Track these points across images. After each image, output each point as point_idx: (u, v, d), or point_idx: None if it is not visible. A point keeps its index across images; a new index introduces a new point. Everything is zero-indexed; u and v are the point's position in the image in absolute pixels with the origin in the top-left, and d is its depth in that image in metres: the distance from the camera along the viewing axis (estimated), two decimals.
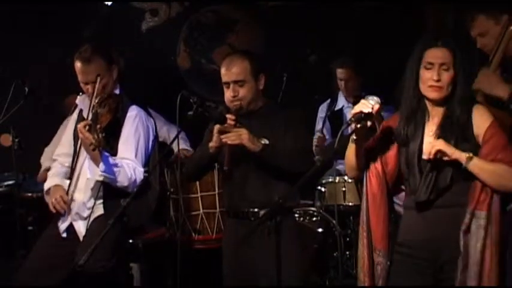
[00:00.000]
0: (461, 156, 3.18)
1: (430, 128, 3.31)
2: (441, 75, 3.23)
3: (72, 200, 4.38)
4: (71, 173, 4.42)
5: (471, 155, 3.18)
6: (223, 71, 3.92)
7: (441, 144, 3.20)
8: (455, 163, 3.21)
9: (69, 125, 4.59)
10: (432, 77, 3.23)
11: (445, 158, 3.20)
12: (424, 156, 3.22)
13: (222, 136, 3.72)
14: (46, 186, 4.48)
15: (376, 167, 3.39)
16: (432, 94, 3.26)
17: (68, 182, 4.40)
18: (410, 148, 3.32)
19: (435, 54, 3.25)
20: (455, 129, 3.24)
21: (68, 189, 4.43)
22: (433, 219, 3.28)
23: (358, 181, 3.50)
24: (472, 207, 3.20)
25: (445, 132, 3.26)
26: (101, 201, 4.31)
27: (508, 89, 3.96)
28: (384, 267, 3.35)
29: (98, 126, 4.08)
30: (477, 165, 3.18)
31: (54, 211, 4.34)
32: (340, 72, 5.91)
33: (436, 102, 3.29)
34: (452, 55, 3.24)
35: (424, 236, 3.28)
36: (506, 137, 3.30)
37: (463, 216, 3.22)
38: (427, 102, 3.32)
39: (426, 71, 3.25)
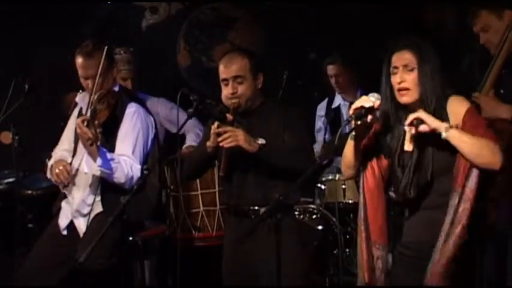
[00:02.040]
0: (441, 125, 3.11)
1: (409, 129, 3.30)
2: (405, 77, 3.22)
3: (71, 194, 4.41)
4: (71, 163, 4.44)
5: (450, 124, 3.12)
6: (221, 68, 3.92)
7: (421, 113, 3.14)
8: (437, 155, 3.19)
9: (70, 122, 4.60)
10: (397, 80, 3.24)
11: (424, 129, 3.12)
12: (405, 127, 3.16)
13: (219, 139, 3.72)
14: (49, 164, 4.47)
15: (371, 164, 3.40)
16: (402, 98, 3.25)
17: (70, 159, 4.41)
18: (393, 146, 3.32)
19: (397, 58, 3.25)
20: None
21: (67, 185, 4.44)
22: (422, 220, 3.28)
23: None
24: (458, 188, 3.15)
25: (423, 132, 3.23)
26: (100, 198, 4.32)
27: (509, 109, 3.99)
28: (384, 260, 3.36)
29: (96, 122, 4.11)
30: (457, 136, 3.10)
31: (58, 182, 4.32)
32: (330, 69, 5.97)
33: (412, 106, 3.25)
34: (415, 55, 3.23)
35: (416, 237, 3.30)
36: (487, 121, 3.29)
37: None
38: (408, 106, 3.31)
39: (393, 76, 3.26)
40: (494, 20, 4.24)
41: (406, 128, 3.19)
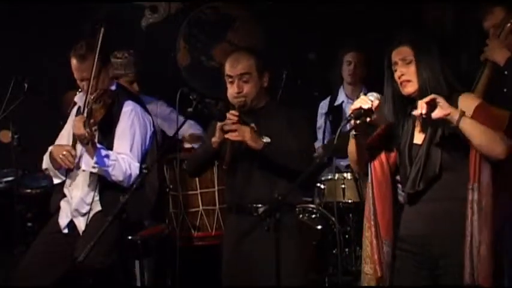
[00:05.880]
0: (455, 111, 3.15)
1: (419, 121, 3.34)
2: (404, 70, 3.29)
3: (70, 193, 4.40)
4: (67, 170, 4.43)
5: (464, 111, 3.15)
6: (228, 66, 3.94)
7: (437, 96, 3.16)
8: (446, 149, 3.22)
9: (68, 121, 4.60)
10: (398, 74, 3.30)
11: (438, 114, 3.13)
12: (416, 111, 3.17)
13: (226, 128, 3.74)
14: (47, 154, 4.46)
15: (380, 157, 3.42)
16: (405, 90, 3.31)
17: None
18: (402, 139, 3.35)
19: (395, 54, 3.33)
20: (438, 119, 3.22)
21: (65, 185, 4.43)
22: (425, 213, 3.30)
23: (359, 179, 3.50)
24: (471, 183, 3.19)
25: (428, 124, 3.26)
26: (98, 197, 4.32)
27: (506, 55, 4.00)
28: (389, 256, 3.37)
29: (92, 120, 4.12)
30: (470, 123, 3.14)
31: (65, 166, 4.31)
32: (350, 56, 5.86)
33: (416, 98, 3.29)
34: (411, 48, 3.30)
35: (419, 231, 3.31)
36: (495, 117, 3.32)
37: (458, 207, 3.22)
38: (414, 99, 3.34)
39: (395, 72, 3.33)
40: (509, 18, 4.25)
41: (416, 112, 3.18)
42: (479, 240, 3.15)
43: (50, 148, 4.45)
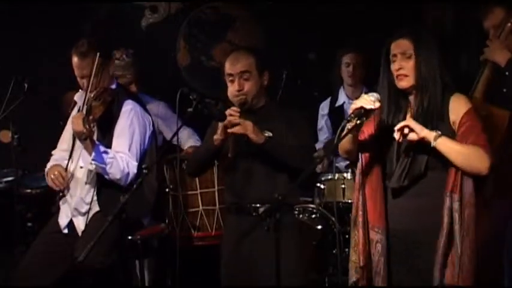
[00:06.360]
0: (430, 134, 3.18)
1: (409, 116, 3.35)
2: (404, 64, 3.30)
3: (69, 192, 4.41)
4: (66, 168, 4.44)
5: (440, 133, 3.18)
6: (228, 64, 3.96)
7: (410, 121, 3.22)
8: (432, 150, 3.22)
9: (69, 122, 4.61)
10: (395, 67, 3.31)
11: (413, 137, 3.19)
12: (394, 135, 3.23)
13: (228, 118, 3.76)
14: (46, 170, 4.50)
15: (371, 147, 3.44)
16: (400, 83, 3.33)
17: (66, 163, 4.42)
18: (393, 133, 3.35)
19: (396, 46, 3.34)
20: (429, 117, 3.26)
21: (63, 190, 4.44)
22: (410, 208, 3.32)
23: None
24: (448, 190, 3.21)
25: (419, 120, 3.27)
26: (96, 197, 4.32)
27: (507, 56, 4.01)
28: (384, 244, 3.37)
29: (91, 117, 4.13)
30: (446, 144, 3.18)
31: (54, 187, 4.36)
32: (349, 57, 5.84)
33: (411, 92, 3.33)
34: (412, 43, 3.30)
35: (405, 224, 3.33)
36: (483, 124, 3.31)
37: (440, 204, 3.23)
38: (408, 92, 3.37)
39: (392, 63, 3.34)
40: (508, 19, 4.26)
41: (396, 135, 3.21)
42: (460, 249, 3.17)
43: (48, 166, 4.48)
